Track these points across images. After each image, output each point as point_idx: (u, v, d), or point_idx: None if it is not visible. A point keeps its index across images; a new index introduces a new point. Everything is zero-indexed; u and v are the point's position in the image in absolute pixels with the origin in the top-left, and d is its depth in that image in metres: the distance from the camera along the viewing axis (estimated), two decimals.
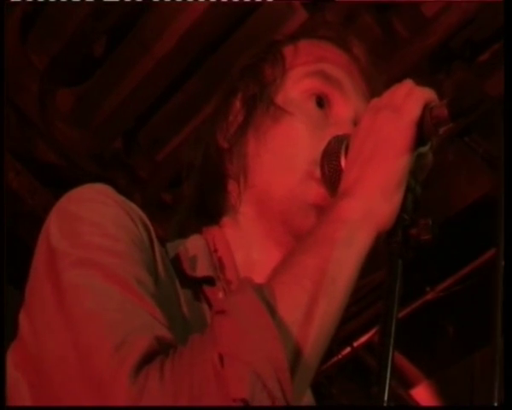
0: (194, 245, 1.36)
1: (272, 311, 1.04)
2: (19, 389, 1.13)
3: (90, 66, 3.23)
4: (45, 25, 3.12)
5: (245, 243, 1.38)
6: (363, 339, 3.58)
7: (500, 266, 1.14)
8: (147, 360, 0.99)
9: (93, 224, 1.15)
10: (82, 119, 3.37)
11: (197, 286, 1.30)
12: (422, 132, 1.16)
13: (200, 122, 3.16)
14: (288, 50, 1.45)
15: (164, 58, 3.06)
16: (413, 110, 1.17)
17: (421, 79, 2.13)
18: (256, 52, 1.51)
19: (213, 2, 2.82)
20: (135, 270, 1.12)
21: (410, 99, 1.18)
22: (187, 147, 3.16)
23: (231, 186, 1.42)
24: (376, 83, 1.44)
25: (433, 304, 3.32)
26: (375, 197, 1.16)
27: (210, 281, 1.30)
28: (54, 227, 1.15)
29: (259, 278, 1.20)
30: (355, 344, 3.57)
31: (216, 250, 1.36)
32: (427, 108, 1.16)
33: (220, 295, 1.29)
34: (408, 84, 1.21)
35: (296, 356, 1.05)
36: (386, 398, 1.01)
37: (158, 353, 1.01)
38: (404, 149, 1.16)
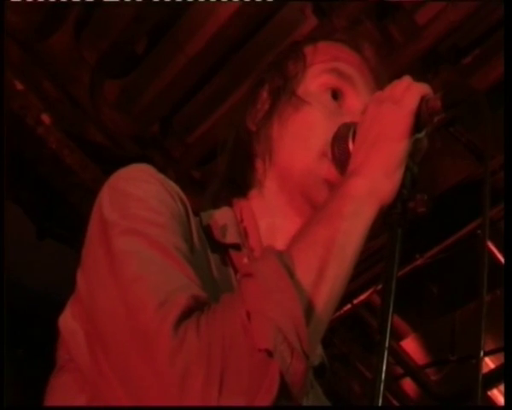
0: (224, 216, 1.35)
1: (291, 274, 1.04)
2: (76, 337, 1.12)
3: (132, 61, 3.22)
4: (96, 26, 3.11)
5: (269, 212, 1.37)
6: (362, 297, 3.57)
7: (486, 234, 1.16)
8: (185, 315, 0.99)
9: (138, 199, 1.14)
10: (125, 106, 3.36)
11: (225, 251, 1.29)
12: (419, 121, 1.17)
13: (225, 111, 3.21)
14: (308, 50, 1.44)
15: (195, 56, 3.06)
16: (411, 102, 1.17)
17: (414, 79, 2.18)
18: (281, 50, 1.51)
19: (238, 9, 2.82)
20: (174, 239, 1.11)
21: (409, 92, 1.18)
22: (218, 130, 3.20)
23: (258, 164, 1.42)
24: (383, 80, 1.41)
25: (421, 268, 3.32)
26: (378, 176, 1.15)
27: (236, 247, 1.30)
28: (105, 201, 1.15)
29: (280, 242, 1.24)
30: (355, 302, 3.57)
31: (242, 221, 1.36)
32: (423, 100, 1.17)
33: (245, 260, 1.29)
34: (407, 79, 1.21)
35: (311, 312, 1.04)
36: (387, 344, 1.03)
37: (195, 309, 1.00)
38: (404, 135, 1.16)
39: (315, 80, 1.40)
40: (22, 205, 3.64)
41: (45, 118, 3.23)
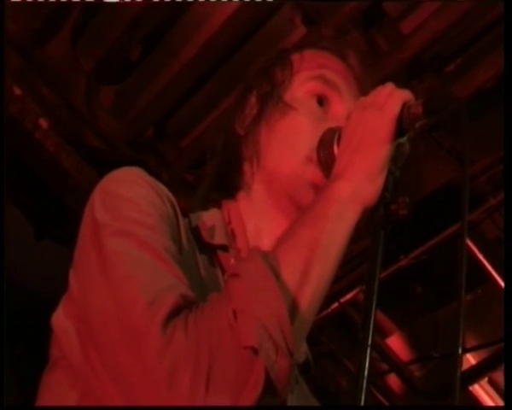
0: (212, 217, 1.35)
1: (276, 274, 1.04)
2: (68, 335, 1.12)
3: (127, 68, 3.21)
4: (92, 33, 3.11)
5: (256, 214, 1.37)
6: (349, 296, 3.58)
7: (465, 236, 1.21)
8: (174, 314, 0.99)
9: (129, 200, 1.14)
10: (121, 111, 3.35)
11: (213, 252, 1.29)
12: (401, 126, 1.17)
13: (217, 116, 3.21)
14: (295, 57, 1.45)
15: (188, 63, 3.05)
16: (393, 108, 1.17)
17: (398, 85, 2.19)
18: (269, 58, 1.51)
19: (230, 17, 2.83)
20: (163, 240, 1.11)
21: (392, 98, 1.18)
22: (209, 134, 3.20)
23: (246, 167, 1.42)
24: (366, 87, 1.40)
25: (405, 269, 3.32)
26: (361, 179, 1.16)
27: (224, 248, 1.30)
28: (97, 203, 1.15)
29: (267, 243, 1.27)
30: (342, 300, 3.58)
31: (230, 222, 1.36)
32: (405, 106, 1.17)
33: (232, 260, 1.28)
34: (389, 86, 1.21)
35: (295, 311, 1.04)
36: (369, 342, 1.04)
37: (183, 308, 1.01)
38: (386, 140, 1.16)
39: (301, 87, 1.40)
40: (21, 207, 3.64)
41: (43, 122, 3.22)
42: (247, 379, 0.95)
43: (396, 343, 3.94)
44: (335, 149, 1.26)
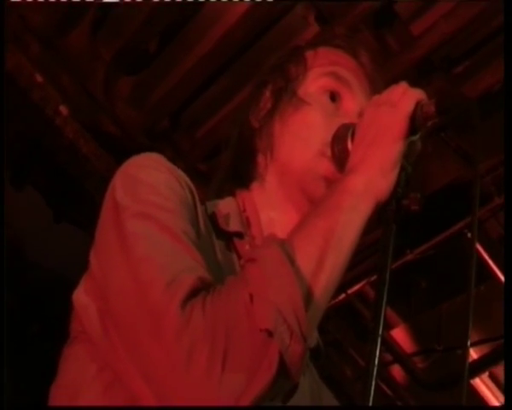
0: (227, 205, 1.36)
1: (292, 261, 1.05)
2: (88, 311, 1.14)
3: (145, 59, 3.23)
4: (111, 26, 3.13)
5: (269, 204, 1.38)
6: (356, 288, 3.59)
7: (475, 232, 1.23)
8: (192, 295, 1.00)
9: (149, 185, 1.15)
10: (138, 101, 3.37)
11: (229, 239, 1.31)
12: (414, 124, 1.17)
13: (231, 109, 3.23)
14: (309, 54, 1.46)
15: (204, 57, 3.07)
16: (407, 106, 1.17)
17: (409, 85, 2.18)
18: (284, 54, 1.53)
19: (245, 14, 2.84)
20: (182, 223, 1.12)
21: (405, 97, 1.19)
22: (223, 126, 3.22)
23: (260, 158, 1.42)
24: (377, 84, 1.44)
25: (411, 263, 3.33)
26: (375, 174, 1.16)
27: (239, 235, 1.31)
28: (118, 186, 1.16)
29: (279, 233, 1.23)
30: (349, 292, 3.59)
31: (245, 210, 1.37)
32: (418, 105, 1.17)
33: (247, 247, 1.30)
34: (403, 85, 1.22)
35: (309, 298, 1.05)
36: (380, 332, 1.06)
37: (201, 290, 1.01)
38: (399, 137, 1.17)
39: (314, 82, 1.42)
40: (40, 190, 3.68)
41: (63, 109, 3.26)
42: (262, 361, 0.96)
43: (400, 335, 3.95)
44: (349, 145, 1.27)
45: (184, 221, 1.14)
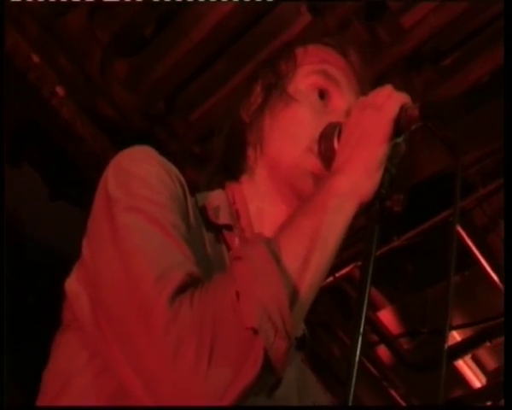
0: (217, 198, 1.37)
1: (278, 260, 1.06)
2: (80, 300, 1.14)
3: (141, 43, 3.25)
4: (109, 9, 3.14)
5: (258, 197, 1.39)
6: (344, 271, 3.61)
7: (456, 222, 1.27)
8: (181, 290, 1.01)
9: (140, 179, 1.16)
10: (134, 83, 3.39)
11: (218, 231, 1.31)
12: (398, 127, 1.18)
13: (225, 94, 3.26)
14: (299, 51, 1.46)
15: (199, 42, 3.09)
16: (392, 110, 1.18)
17: (398, 77, 2.24)
18: (275, 50, 1.53)
19: (239, 2, 2.86)
20: (172, 217, 1.13)
21: (390, 100, 1.20)
22: (216, 110, 3.24)
23: (250, 152, 1.43)
24: (365, 82, 1.45)
25: (398, 249, 3.37)
26: (359, 175, 1.17)
27: (229, 227, 1.32)
28: (111, 178, 1.17)
29: (268, 224, 1.32)
30: (337, 275, 3.61)
31: (234, 202, 1.38)
32: (403, 108, 1.18)
33: (236, 239, 1.30)
34: (388, 88, 1.23)
35: (295, 296, 1.06)
36: (364, 315, 1.07)
37: (189, 285, 1.03)
38: (384, 140, 1.18)
39: (304, 80, 1.42)
40: (37, 168, 3.71)
41: (60, 90, 3.27)
42: (247, 356, 0.97)
43: (387, 317, 4.00)
44: (335, 144, 1.28)
45: (174, 215, 1.15)
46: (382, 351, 4.07)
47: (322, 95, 1.41)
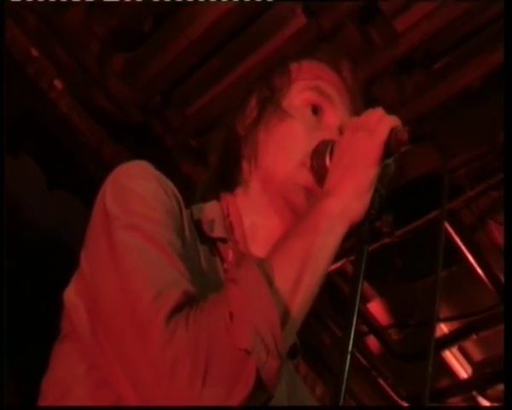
0: (212, 210, 1.39)
1: (270, 282, 1.08)
2: (78, 312, 1.16)
3: (139, 38, 3.27)
4: (107, 5, 3.15)
5: (252, 210, 1.40)
6: (335, 266, 3.61)
7: (443, 222, 1.30)
8: (177, 310, 1.03)
9: (138, 196, 1.18)
10: (131, 77, 3.42)
11: (213, 244, 1.33)
12: (388, 150, 1.20)
13: (220, 90, 3.29)
14: (293, 67, 1.48)
15: (195, 40, 3.12)
16: (382, 133, 1.20)
17: (390, 80, 2.27)
18: (270, 64, 1.57)
19: (235, 2, 2.89)
20: (168, 234, 1.15)
21: (381, 124, 1.22)
22: (212, 106, 3.25)
23: (245, 165, 1.44)
24: (358, 97, 1.47)
25: (388, 244, 3.43)
26: (350, 197, 1.19)
27: (223, 240, 1.33)
28: (108, 193, 1.19)
29: (261, 237, 1.35)
30: (329, 269, 3.64)
31: (228, 215, 1.39)
32: (392, 131, 1.20)
33: (230, 252, 1.32)
34: (379, 111, 1.25)
35: (286, 317, 1.08)
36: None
37: (185, 305, 1.04)
38: (375, 162, 1.20)
39: (298, 96, 1.44)
40: (35, 158, 3.74)
41: (57, 83, 3.30)
42: (240, 376, 1.00)
43: (376, 309, 4.06)
44: (327, 161, 1.30)
45: (170, 232, 1.16)
46: (371, 341, 4.13)
47: (316, 110, 1.43)
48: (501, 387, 4.04)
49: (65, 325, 1.24)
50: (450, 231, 3.22)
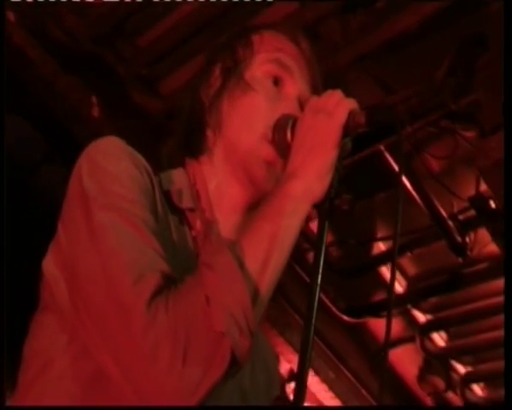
0: (179, 179, 1.43)
1: (241, 265, 1.16)
2: (58, 284, 1.21)
3: None
4: None
5: (216, 177, 1.45)
6: None
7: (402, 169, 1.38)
8: (157, 293, 1.09)
9: (112, 175, 1.23)
10: (83, 11, 3.42)
11: (181, 213, 1.38)
12: (346, 132, 1.28)
13: (171, 23, 3.31)
14: (255, 38, 1.52)
15: None
16: (341, 116, 1.27)
17: (335, 19, 2.34)
18: (233, 34, 1.58)
19: None
20: (142, 213, 1.20)
21: (340, 107, 1.28)
22: (163, 38, 3.27)
23: (209, 133, 1.48)
24: (315, 68, 1.53)
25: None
26: (312, 179, 1.25)
27: (191, 209, 1.39)
28: (85, 172, 1.24)
29: (226, 205, 1.41)
30: None
31: (195, 183, 1.44)
32: (351, 114, 1.28)
33: (198, 221, 1.38)
34: (338, 93, 1.32)
35: (256, 296, 1.16)
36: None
37: (164, 287, 1.11)
38: (334, 144, 1.27)
39: (260, 67, 1.49)
40: None
41: (10, 15, 3.31)
42: (216, 356, 1.08)
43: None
44: (288, 136, 1.36)
45: (145, 210, 1.22)
46: (311, 257, 4.31)
47: (276, 82, 1.48)
48: (433, 300, 4.37)
49: (45, 296, 1.28)
50: (389, 159, 3.44)
